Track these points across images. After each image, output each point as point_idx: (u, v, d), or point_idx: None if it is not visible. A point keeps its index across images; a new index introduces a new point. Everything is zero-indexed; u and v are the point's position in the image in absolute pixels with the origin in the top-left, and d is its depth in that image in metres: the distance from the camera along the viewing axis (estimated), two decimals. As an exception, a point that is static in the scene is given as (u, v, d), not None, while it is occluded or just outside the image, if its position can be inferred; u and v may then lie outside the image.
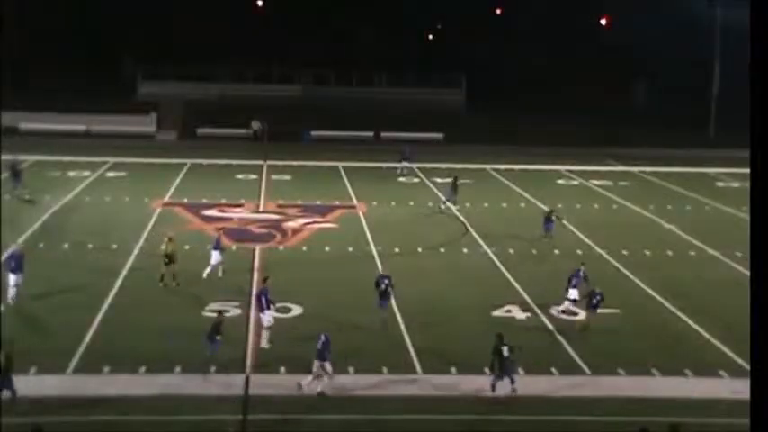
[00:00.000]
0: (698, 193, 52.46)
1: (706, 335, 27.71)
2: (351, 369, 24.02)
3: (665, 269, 35.34)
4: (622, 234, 41.04)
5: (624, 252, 37.54)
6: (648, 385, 23.84)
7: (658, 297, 31.47)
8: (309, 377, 22.55)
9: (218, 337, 23.91)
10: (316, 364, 22.50)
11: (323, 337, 22.77)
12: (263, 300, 26.07)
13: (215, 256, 32.11)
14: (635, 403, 22.66)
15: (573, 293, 29.16)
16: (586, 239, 39.71)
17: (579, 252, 37.39)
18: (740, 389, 23.53)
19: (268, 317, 25.87)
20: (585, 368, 24.76)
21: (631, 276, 34.10)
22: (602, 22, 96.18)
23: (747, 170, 62.12)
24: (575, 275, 29.39)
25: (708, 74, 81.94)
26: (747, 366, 25.03)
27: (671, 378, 24.33)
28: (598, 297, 27.69)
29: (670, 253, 37.97)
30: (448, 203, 45.73)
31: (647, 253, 37.71)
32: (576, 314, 28.71)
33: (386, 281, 27.63)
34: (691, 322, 28.86)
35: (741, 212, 46.45)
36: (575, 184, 54.74)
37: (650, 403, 22.66)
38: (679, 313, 29.71)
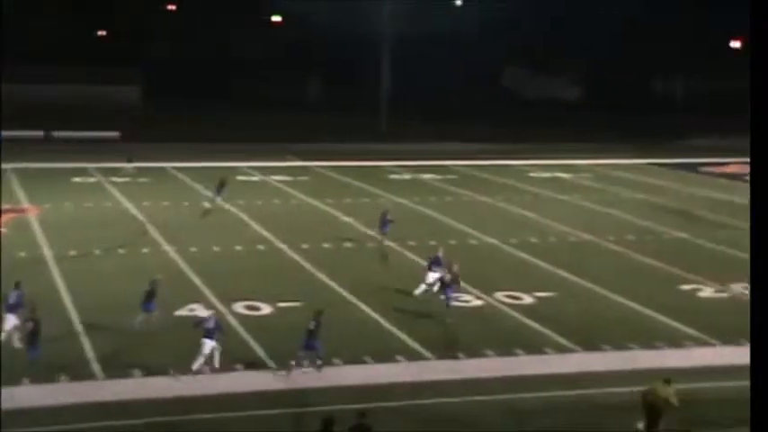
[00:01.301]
0: (373, 185, 54.27)
1: (385, 324, 28.68)
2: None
3: (344, 261, 36.27)
4: (302, 228, 41.73)
5: (304, 246, 38.17)
6: (332, 375, 24.31)
7: (339, 289, 32.23)
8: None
9: None
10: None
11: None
12: None
13: None
14: (319, 394, 23.05)
15: (431, 277, 30.20)
16: (268, 234, 40.05)
17: (261, 248, 37.69)
18: (417, 371, 24.66)
19: None
20: (272, 363, 24.90)
21: (312, 269, 34.72)
22: (275, 19, 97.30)
23: (418, 162, 64.93)
24: (434, 260, 30.68)
25: (377, 70, 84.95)
26: (424, 350, 26.22)
27: (352, 366, 24.95)
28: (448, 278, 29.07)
29: (349, 245, 39.00)
30: (217, 200, 45.30)
31: (327, 246, 38.56)
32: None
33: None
34: (371, 312, 29.75)
35: (413, 203, 48.58)
36: (255, 181, 55.06)
37: (334, 392, 23.13)
38: (360, 304, 30.55)
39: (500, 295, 31.68)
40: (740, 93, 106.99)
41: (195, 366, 23.74)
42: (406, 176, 58.86)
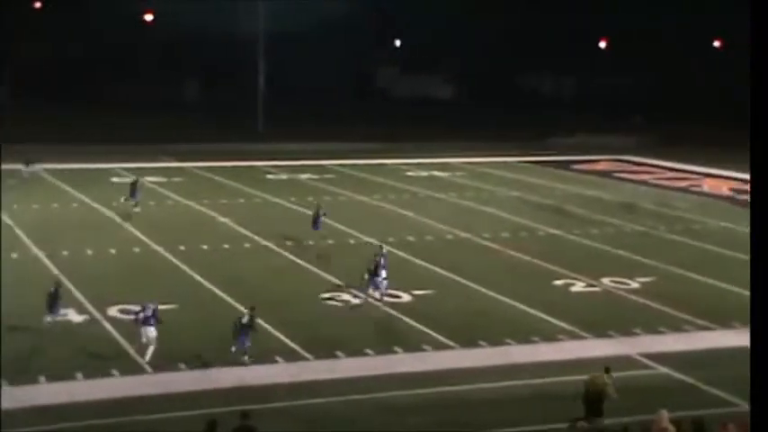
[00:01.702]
0: (249, 186, 53.90)
1: (264, 324, 28.49)
2: None
3: (222, 262, 35.92)
4: (179, 229, 41.19)
5: (182, 247, 37.67)
6: (212, 377, 24.05)
7: (217, 290, 31.90)
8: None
9: None
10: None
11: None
12: None
13: None
14: (199, 397, 22.77)
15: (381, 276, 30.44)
16: (143, 236, 39.38)
17: (137, 250, 37.03)
18: (296, 372, 24.58)
19: None
20: (147, 367, 24.49)
21: (189, 271, 34.29)
22: (147, 18, 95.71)
23: (295, 162, 64.80)
24: (380, 258, 30.60)
25: (254, 70, 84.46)
26: (303, 351, 26.14)
27: (231, 368, 24.71)
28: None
29: (227, 246, 38.65)
30: (131, 203, 44.27)
31: (205, 247, 38.13)
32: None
33: None
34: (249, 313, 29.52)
35: (289, 203, 48.45)
36: (129, 182, 53.98)
37: (215, 395, 22.87)
38: (238, 305, 30.30)
39: (378, 293, 31.72)
40: (608, 91, 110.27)
41: (148, 357, 24.52)
42: (283, 176, 58.65)
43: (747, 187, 56.15)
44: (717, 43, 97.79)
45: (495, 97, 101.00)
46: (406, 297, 31.71)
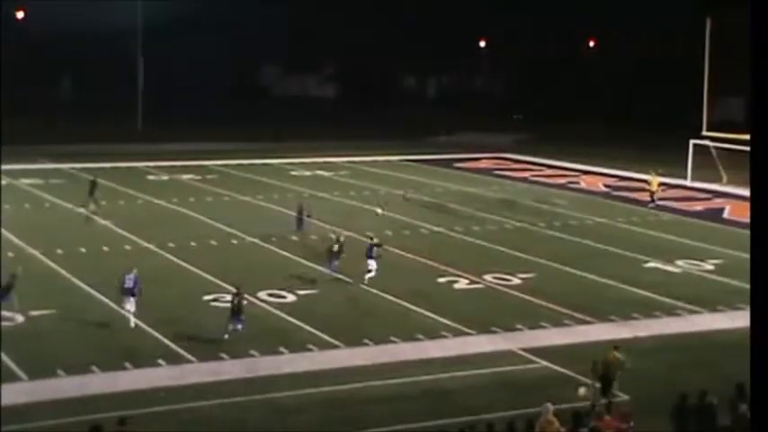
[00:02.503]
0: (130, 187, 52.95)
1: (146, 327, 28.04)
2: None
3: (103, 265, 35.18)
4: (57, 233, 40.21)
5: (59, 251, 36.77)
6: (94, 383, 23.54)
7: (97, 294, 31.24)
8: None
9: None
10: None
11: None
12: None
13: None
14: (80, 403, 22.27)
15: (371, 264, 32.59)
16: (18, 241, 38.31)
17: (11, 254, 35.97)
18: (178, 375, 24.25)
19: None
20: (22, 374, 23.82)
21: (68, 275, 33.50)
22: (19, 15, 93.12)
23: (176, 162, 63.73)
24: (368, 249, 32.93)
25: (133, 70, 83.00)
26: (186, 353, 25.80)
27: (113, 373, 24.26)
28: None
29: (106, 248, 37.90)
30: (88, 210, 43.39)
31: (83, 250, 37.29)
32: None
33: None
34: (131, 316, 28.97)
35: (171, 204, 47.80)
36: (4, 184, 52.49)
37: (97, 400, 22.38)
38: (117, 308, 29.72)
39: (263, 294, 31.60)
40: (488, 90, 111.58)
41: (132, 324, 27.47)
42: (164, 177, 57.80)
43: (622, 183, 57.66)
44: (591, 43, 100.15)
45: (377, 96, 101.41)
46: (290, 297, 31.59)
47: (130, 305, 27.86)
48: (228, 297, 29.51)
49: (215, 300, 30.99)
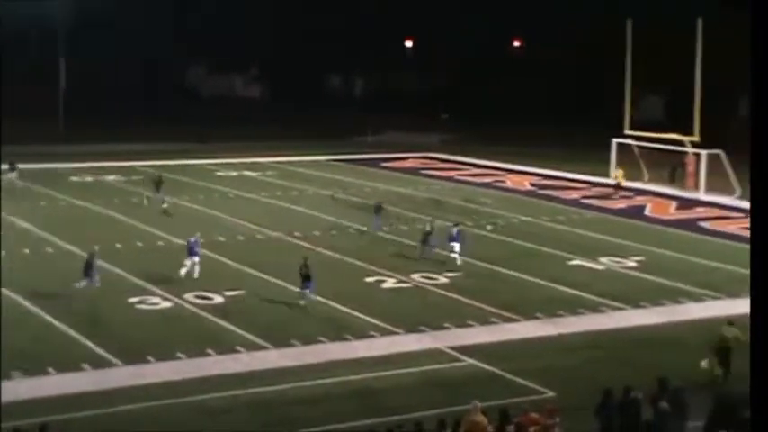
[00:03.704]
0: (52, 188, 52.12)
1: (71, 331, 27.65)
2: None
3: (22, 269, 34.57)
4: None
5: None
6: (14, 390, 23.14)
7: (16, 297, 30.70)
8: None
9: None
10: None
11: None
12: None
13: None
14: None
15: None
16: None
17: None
18: (102, 379, 23.94)
19: None
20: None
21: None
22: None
23: (100, 164, 62.83)
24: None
25: (54, 70, 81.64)
26: (111, 357, 25.48)
27: (35, 378, 23.87)
28: None
29: (27, 251, 37.27)
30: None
31: (2, 253, 36.58)
32: None
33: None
34: (52, 319, 28.58)
35: (95, 206, 47.19)
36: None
37: (18, 407, 21.98)
38: (41, 312, 29.28)
39: (189, 296, 31.35)
40: (414, 90, 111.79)
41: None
42: (88, 179, 57.00)
43: (547, 182, 58.31)
44: (516, 43, 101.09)
45: (303, 97, 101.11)
46: (217, 298, 31.38)
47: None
48: (155, 300, 29.25)
49: (140, 302, 30.68)
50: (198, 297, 31.31)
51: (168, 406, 22.69)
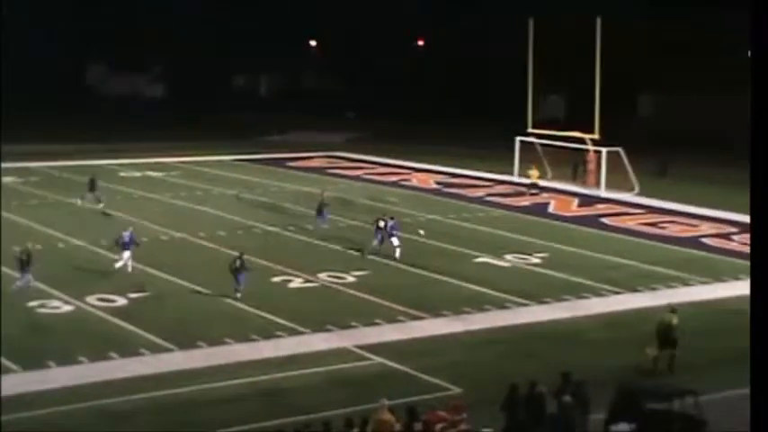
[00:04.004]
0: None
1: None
2: None
3: None
4: None
5: None
6: None
7: None
8: None
9: None
10: None
11: None
12: None
13: None
14: None
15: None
16: None
17: None
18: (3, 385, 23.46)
19: None
20: None
21: None
22: None
23: (30, 164, 60.96)
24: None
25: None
26: (9, 363, 24.90)
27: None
28: None
29: None
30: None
31: None
32: None
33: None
34: None
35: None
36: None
37: None
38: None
39: (91, 299, 30.82)
40: (319, 89, 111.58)
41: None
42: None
43: (453, 180, 58.74)
44: (420, 42, 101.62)
45: (208, 96, 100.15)
46: (121, 301, 30.90)
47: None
48: (56, 303, 28.67)
49: (41, 306, 30.06)
50: (100, 300, 30.79)
51: (70, 411, 22.26)
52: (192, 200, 50.34)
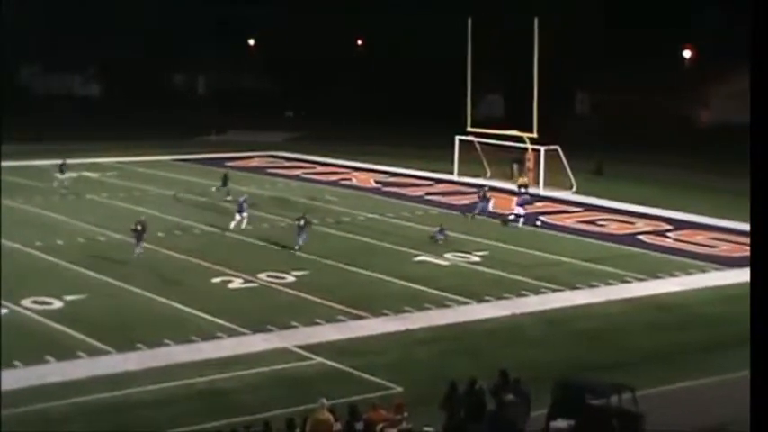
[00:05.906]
0: None
1: None
2: None
3: None
4: None
5: None
6: None
7: None
8: None
9: None
10: None
11: None
12: None
13: None
14: None
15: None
16: None
17: None
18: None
19: None
20: None
21: None
22: None
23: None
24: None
25: None
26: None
27: None
28: None
29: None
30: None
31: None
32: None
33: None
34: None
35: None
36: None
37: None
38: None
39: (26, 302, 30.34)
40: (257, 89, 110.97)
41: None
42: None
43: (392, 179, 58.78)
44: (360, 42, 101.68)
45: (144, 96, 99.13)
46: (57, 303, 30.46)
47: None
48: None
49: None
50: (36, 303, 30.33)
51: (3, 416, 21.86)
52: (129, 200, 49.79)
